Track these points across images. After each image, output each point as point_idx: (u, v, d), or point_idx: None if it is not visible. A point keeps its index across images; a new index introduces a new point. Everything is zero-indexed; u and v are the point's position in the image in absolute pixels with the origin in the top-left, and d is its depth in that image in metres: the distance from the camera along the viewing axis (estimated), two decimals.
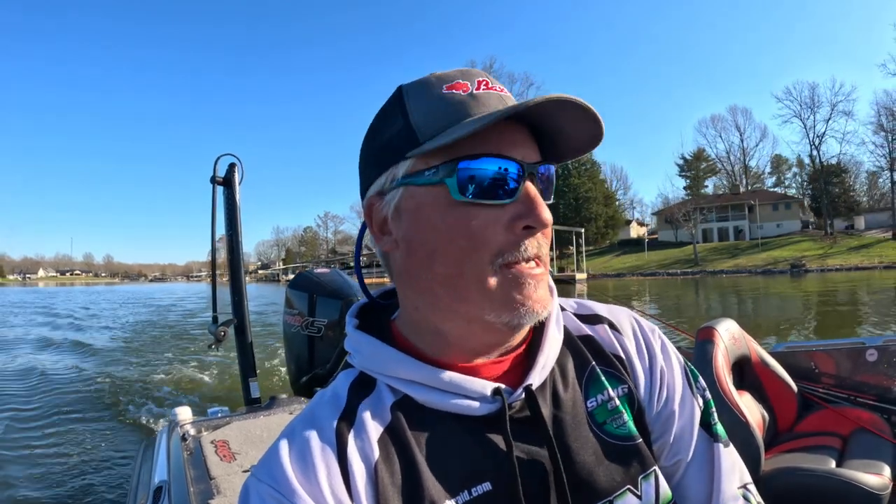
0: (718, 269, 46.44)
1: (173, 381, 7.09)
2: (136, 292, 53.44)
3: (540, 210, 0.54)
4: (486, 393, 0.56)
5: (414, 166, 0.55)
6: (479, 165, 0.52)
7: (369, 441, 0.54)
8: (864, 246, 48.09)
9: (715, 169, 70.53)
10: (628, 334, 0.69)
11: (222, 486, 1.72)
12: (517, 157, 0.54)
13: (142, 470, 2.22)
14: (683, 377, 0.67)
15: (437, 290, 0.56)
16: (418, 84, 0.58)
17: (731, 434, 0.68)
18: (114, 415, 5.72)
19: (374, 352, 0.59)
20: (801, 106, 58.62)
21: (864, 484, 1.83)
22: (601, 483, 0.57)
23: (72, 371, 8.10)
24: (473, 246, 0.53)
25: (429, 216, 0.55)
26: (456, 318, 0.57)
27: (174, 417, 2.41)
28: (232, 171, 3.21)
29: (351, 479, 0.51)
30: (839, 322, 12.35)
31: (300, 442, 0.53)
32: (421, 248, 0.56)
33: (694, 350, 2.30)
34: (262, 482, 0.51)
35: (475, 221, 0.53)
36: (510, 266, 0.53)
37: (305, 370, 3.05)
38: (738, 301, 19.94)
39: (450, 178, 0.53)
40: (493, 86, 0.56)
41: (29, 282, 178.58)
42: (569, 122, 0.54)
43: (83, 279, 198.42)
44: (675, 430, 0.64)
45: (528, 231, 0.54)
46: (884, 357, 2.59)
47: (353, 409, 0.56)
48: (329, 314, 2.99)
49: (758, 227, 57.57)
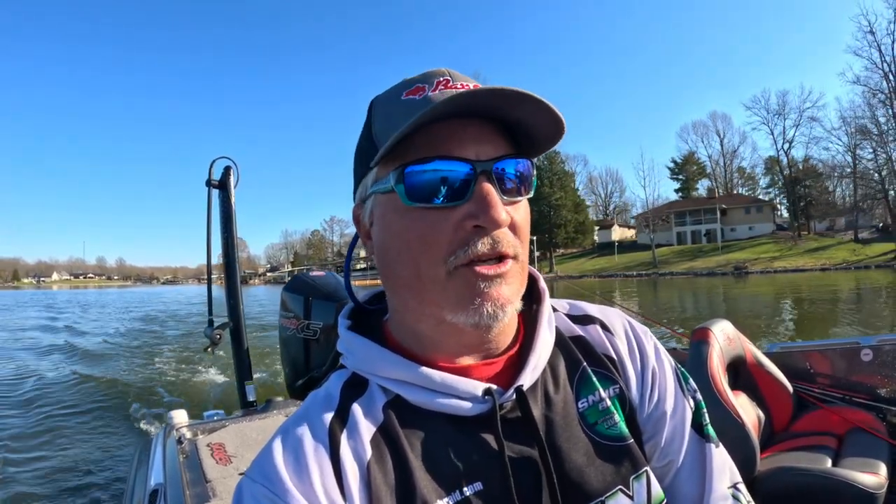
0: (669, 272, 49.36)
1: (169, 384, 7.07)
2: (149, 295, 54.01)
3: (490, 209, 0.52)
4: (477, 393, 0.56)
5: (377, 175, 0.57)
6: (424, 169, 0.53)
7: (362, 441, 0.54)
8: (822, 248, 49.71)
9: (704, 171, 73.13)
10: (620, 335, 0.69)
11: (218, 490, 1.71)
12: (469, 157, 0.53)
13: (137, 473, 2.21)
14: (675, 378, 0.68)
15: (404, 293, 0.57)
16: (385, 95, 0.59)
17: (726, 434, 0.69)
18: (109, 418, 5.70)
19: (366, 352, 0.60)
20: (768, 113, 61.11)
21: (861, 483, 1.84)
22: (593, 483, 0.58)
23: (67, 374, 8.05)
24: (423, 248, 0.53)
25: (389, 222, 0.56)
26: (426, 319, 0.57)
27: (170, 420, 2.40)
28: (227, 174, 3.20)
29: (344, 479, 0.52)
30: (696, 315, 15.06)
31: (293, 442, 0.54)
32: (387, 254, 0.57)
33: (689, 351, 2.31)
34: (256, 482, 0.52)
35: (424, 224, 0.53)
36: (463, 266, 0.53)
37: (301, 373, 3.04)
38: (654, 297, 24.12)
39: (398, 185, 0.53)
40: (453, 84, 0.56)
41: (43, 285, 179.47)
42: (524, 112, 0.53)
43: (96, 282, 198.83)
44: (666, 431, 0.65)
45: (479, 230, 0.53)
46: (878, 356, 2.60)
47: (345, 410, 0.57)
48: (325, 317, 2.98)
49: (730, 230, 60.47)
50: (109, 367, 8.76)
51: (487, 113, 0.54)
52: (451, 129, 0.53)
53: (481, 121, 0.55)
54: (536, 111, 0.53)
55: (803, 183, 58.00)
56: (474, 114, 0.54)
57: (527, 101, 0.51)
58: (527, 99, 0.51)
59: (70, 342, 12.42)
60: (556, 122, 0.54)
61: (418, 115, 0.49)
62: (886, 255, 42.84)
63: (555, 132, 0.55)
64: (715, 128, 72.16)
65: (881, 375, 2.59)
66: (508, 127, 0.57)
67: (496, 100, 0.51)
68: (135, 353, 10.50)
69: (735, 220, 61.46)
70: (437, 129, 0.53)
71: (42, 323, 19.10)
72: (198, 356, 9.21)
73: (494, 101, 0.52)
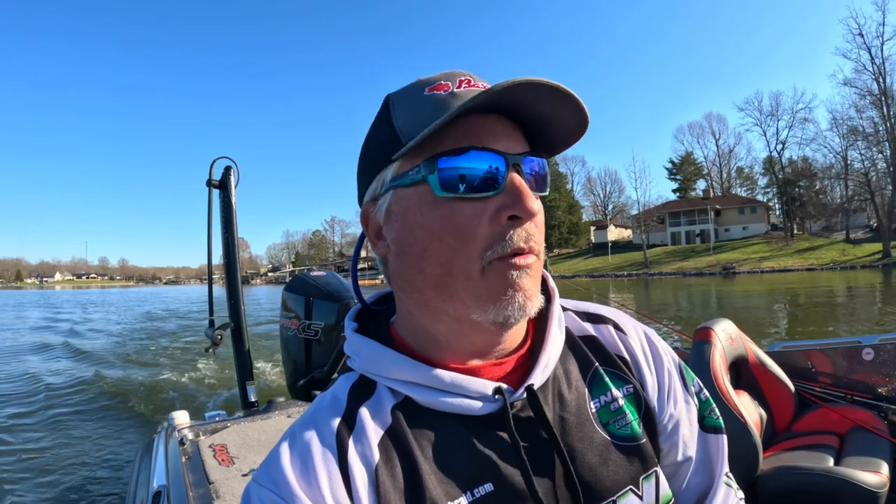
0: (658, 272, 50.26)
1: (170, 385, 7.06)
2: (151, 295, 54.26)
3: (525, 199, 0.52)
4: (488, 392, 0.56)
5: (400, 168, 0.56)
6: (459, 160, 0.52)
7: (370, 444, 0.54)
8: (812, 248, 50.19)
9: (701, 171, 73.79)
10: (633, 336, 0.69)
11: (221, 491, 1.71)
12: (500, 149, 0.53)
13: (140, 475, 2.21)
14: (679, 377, 0.69)
15: (428, 291, 0.56)
16: (403, 91, 0.58)
17: (729, 434, 0.72)
18: (110, 418, 5.70)
19: (373, 354, 0.59)
20: (760, 114, 62.07)
21: (862, 482, 1.84)
22: (605, 483, 0.58)
23: (68, 374, 8.07)
24: (461, 241, 0.53)
25: (416, 216, 0.55)
26: (446, 318, 0.57)
27: (171, 422, 2.40)
28: (228, 174, 3.19)
29: (352, 483, 0.51)
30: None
31: (301, 446, 0.53)
32: (411, 249, 0.56)
33: (691, 350, 2.31)
34: (264, 487, 0.51)
35: (460, 216, 0.53)
36: (499, 259, 0.53)
37: (302, 373, 3.05)
38: (642, 295, 25.01)
39: (431, 175, 0.53)
40: (475, 83, 0.56)
41: (46, 285, 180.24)
42: (553, 109, 0.54)
43: (99, 282, 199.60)
44: (682, 429, 0.66)
45: (514, 221, 0.53)
46: (880, 355, 2.60)
47: (353, 413, 0.56)
48: (326, 317, 2.98)
49: (724, 230, 61.36)
50: (110, 368, 8.76)
51: (514, 110, 0.54)
52: (482, 123, 0.54)
53: (505, 118, 0.55)
54: (564, 108, 0.53)
55: (796, 184, 58.62)
56: (500, 111, 0.54)
57: (559, 96, 0.51)
58: (560, 94, 0.51)
59: (70, 342, 12.43)
60: (582, 119, 0.54)
61: (459, 105, 0.49)
62: (873, 256, 43.32)
63: (577, 130, 0.56)
64: (710, 128, 73.16)
65: (882, 374, 2.59)
66: (525, 126, 0.57)
67: (532, 94, 0.51)
68: (135, 353, 10.50)
69: (729, 220, 62.31)
70: (469, 122, 0.53)
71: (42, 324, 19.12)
72: (199, 356, 9.21)
73: (531, 95, 0.51)
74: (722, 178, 72.78)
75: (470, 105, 0.49)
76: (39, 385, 7.37)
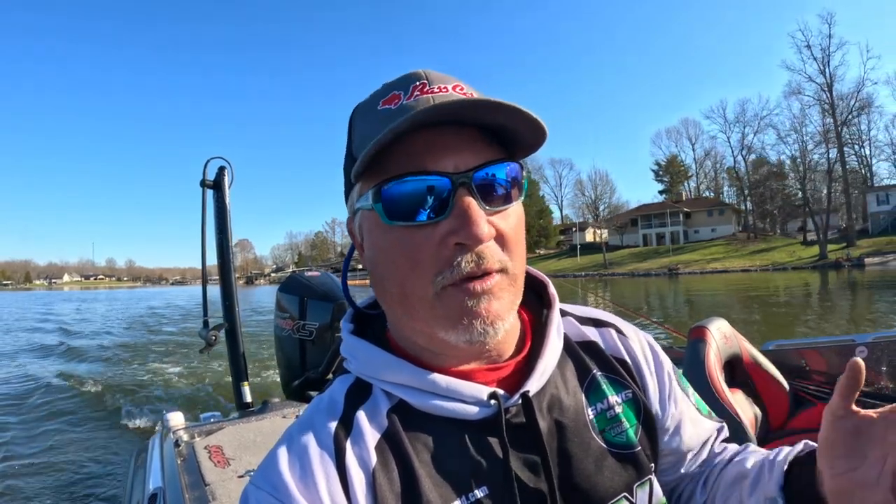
0: (612, 272, 54.78)
1: (165, 386, 7.03)
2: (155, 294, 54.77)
3: (471, 225, 0.49)
4: (482, 397, 0.56)
5: (360, 190, 0.56)
6: (402, 186, 0.50)
7: (367, 447, 0.54)
8: (766, 250, 52.04)
9: (687, 174, 76.29)
10: (634, 339, 0.70)
11: (217, 493, 1.70)
12: (446, 169, 0.51)
13: (135, 477, 2.20)
14: (677, 381, 0.71)
15: (396, 308, 0.57)
16: (364, 103, 0.58)
17: None
18: (105, 421, 5.67)
19: (370, 357, 0.59)
20: (725, 122, 65.16)
21: None
22: (599, 490, 0.58)
23: (63, 376, 8.01)
24: (411, 267, 0.52)
25: (375, 239, 0.55)
26: (418, 335, 0.57)
27: (167, 423, 2.38)
28: (222, 174, 3.18)
29: (349, 486, 0.51)
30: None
31: (298, 449, 0.53)
32: (375, 270, 0.57)
33: (686, 349, 2.31)
34: (262, 489, 0.51)
35: (408, 242, 0.52)
36: (451, 285, 0.51)
37: (297, 374, 3.03)
38: (579, 293, 26.74)
39: (377, 204, 0.52)
40: (430, 88, 0.53)
41: (55, 286, 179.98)
42: (504, 119, 0.51)
43: (106, 283, 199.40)
44: (683, 426, 0.69)
45: (462, 247, 0.51)
46: (874, 354, 2.62)
47: (350, 416, 0.56)
48: (320, 317, 2.97)
49: (694, 232, 63.93)
50: (105, 369, 8.72)
51: (464, 121, 0.52)
52: (428, 139, 0.51)
53: (459, 127, 0.53)
54: (514, 117, 0.51)
55: (758, 188, 60.64)
56: (451, 121, 0.52)
57: (502, 109, 0.49)
58: (501, 108, 0.49)
59: (65, 342, 12.37)
60: (536, 127, 0.52)
61: (382, 133, 0.48)
62: (814, 258, 45.10)
63: (536, 136, 0.54)
64: (686, 134, 75.32)
65: (876, 372, 2.60)
66: (492, 130, 0.55)
67: (466, 111, 0.49)
68: (130, 354, 10.45)
69: (698, 222, 64.67)
70: (413, 140, 0.51)
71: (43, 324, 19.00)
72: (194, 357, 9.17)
73: (467, 112, 0.50)
74: (698, 181, 75.69)
75: (401, 128, 0.47)
76: (33, 386, 7.33)
